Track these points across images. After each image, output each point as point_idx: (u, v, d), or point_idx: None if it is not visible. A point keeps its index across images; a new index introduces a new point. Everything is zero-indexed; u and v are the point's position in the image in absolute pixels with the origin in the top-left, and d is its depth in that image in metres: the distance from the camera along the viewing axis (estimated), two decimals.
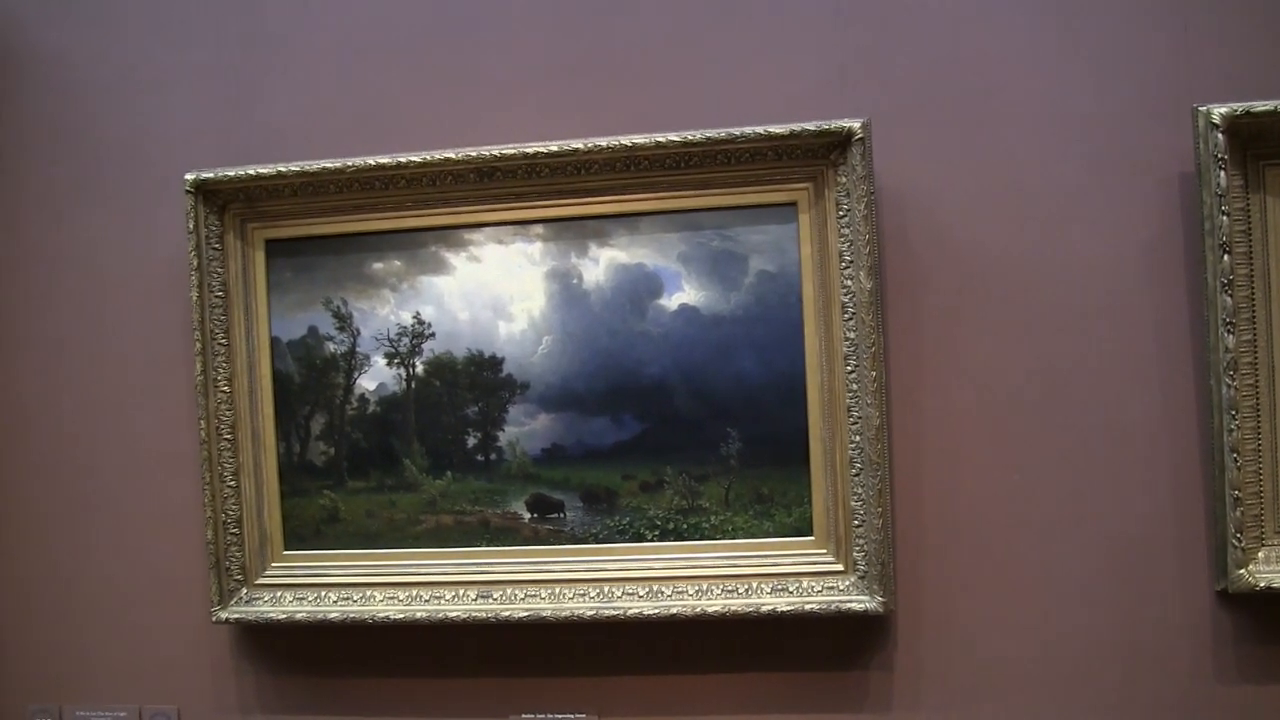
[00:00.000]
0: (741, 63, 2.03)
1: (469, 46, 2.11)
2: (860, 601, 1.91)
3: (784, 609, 1.93)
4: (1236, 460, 1.82)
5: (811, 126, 1.89)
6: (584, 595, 2.00)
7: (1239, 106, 1.80)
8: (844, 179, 1.90)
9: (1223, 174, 1.81)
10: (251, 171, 2.04)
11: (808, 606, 1.93)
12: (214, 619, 2.09)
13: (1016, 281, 1.96)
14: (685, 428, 1.98)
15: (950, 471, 1.98)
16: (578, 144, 1.95)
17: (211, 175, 2.05)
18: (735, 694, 2.04)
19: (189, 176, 2.05)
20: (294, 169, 2.03)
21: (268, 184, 2.05)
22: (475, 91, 2.11)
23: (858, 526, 1.92)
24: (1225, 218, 1.81)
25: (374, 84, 2.14)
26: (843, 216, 1.91)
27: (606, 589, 1.99)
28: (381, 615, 2.04)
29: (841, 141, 1.89)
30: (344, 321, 2.08)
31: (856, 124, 1.88)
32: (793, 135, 1.90)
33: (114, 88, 2.23)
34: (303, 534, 2.12)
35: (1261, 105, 1.80)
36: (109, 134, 2.23)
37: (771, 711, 2.03)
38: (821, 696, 2.02)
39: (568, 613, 1.98)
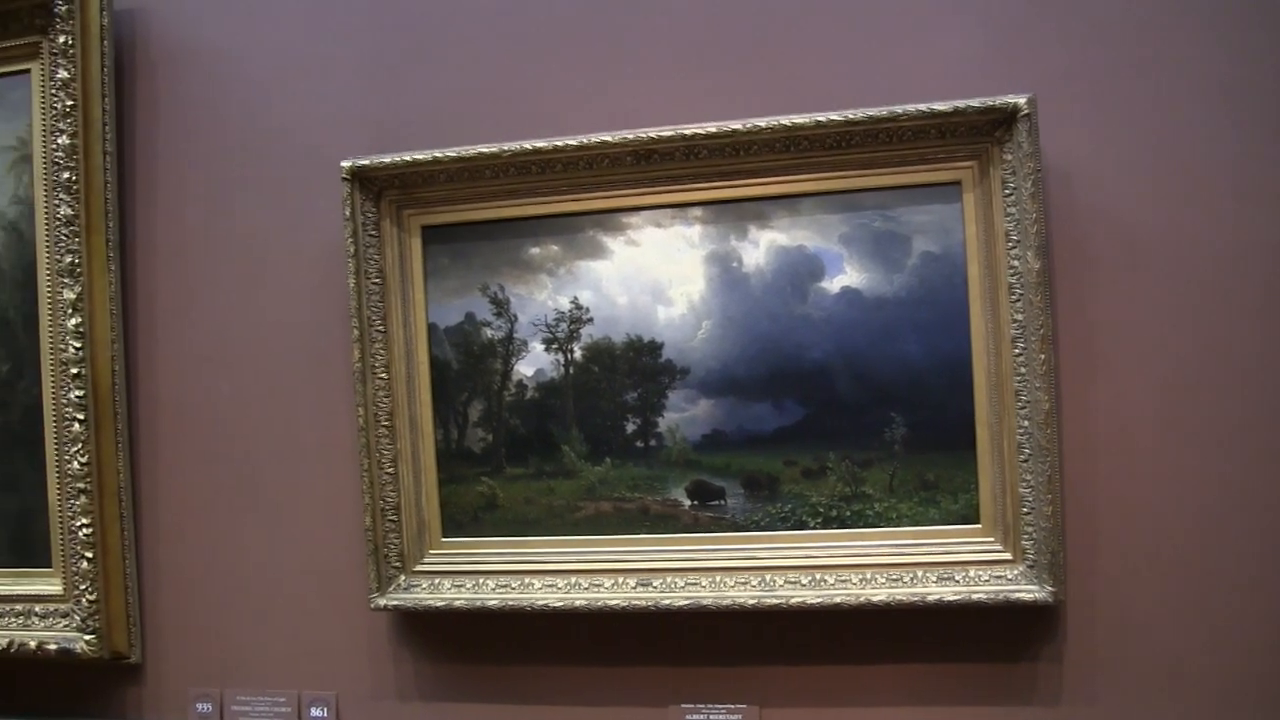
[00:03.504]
0: (901, 38, 2.04)
1: (624, 28, 2.15)
2: (1029, 591, 1.90)
3: (950, 598, 1.93)
4: None
5: (976, 103, 1.88)
6: (745, 584, 2.01)
7: None
8: (1010, 156, 1.89)
9: None
10: (407, 158, 2.08)
11: (975, 596, 1.92)
12: (372, 606, 2.14)
13: (1189, 259, 1.93)
14: (848, 413, 1.99)
15: (1122, 457, 1.96)
16: (736, 125, 1.96)
17: (368, 162, 2.09)
18: (899, 685, 2.05)
19: (345, 164, 2.10)
20: (450, 155, 2.07)
21: (424, 170, 2.09)
22: (631, 73, 2.14)
23: (1026, 514, 1.91)
24: None
25: (529, 68, 2.18)
26: (1009, 195, 1.90)
27: (768, 577, 2.01)
28: (540, 603, 2.07)
29: (1007, 118, 1.88)
30: (501, 307, 2.12)
31: (1022, 99, 1.87)
32: (956, 112, 1.89)
33: (271, 79, 2.31)
34: (460, 521, 2.16)
35: None
36: (266, 124, 2.31)
37: (937, 703, 2.04)
38: (988, 688, 2.02)
39: (729, 601, 2.00)
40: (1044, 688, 2.00)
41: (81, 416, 2.21)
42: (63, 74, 2.19)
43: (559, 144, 2.02)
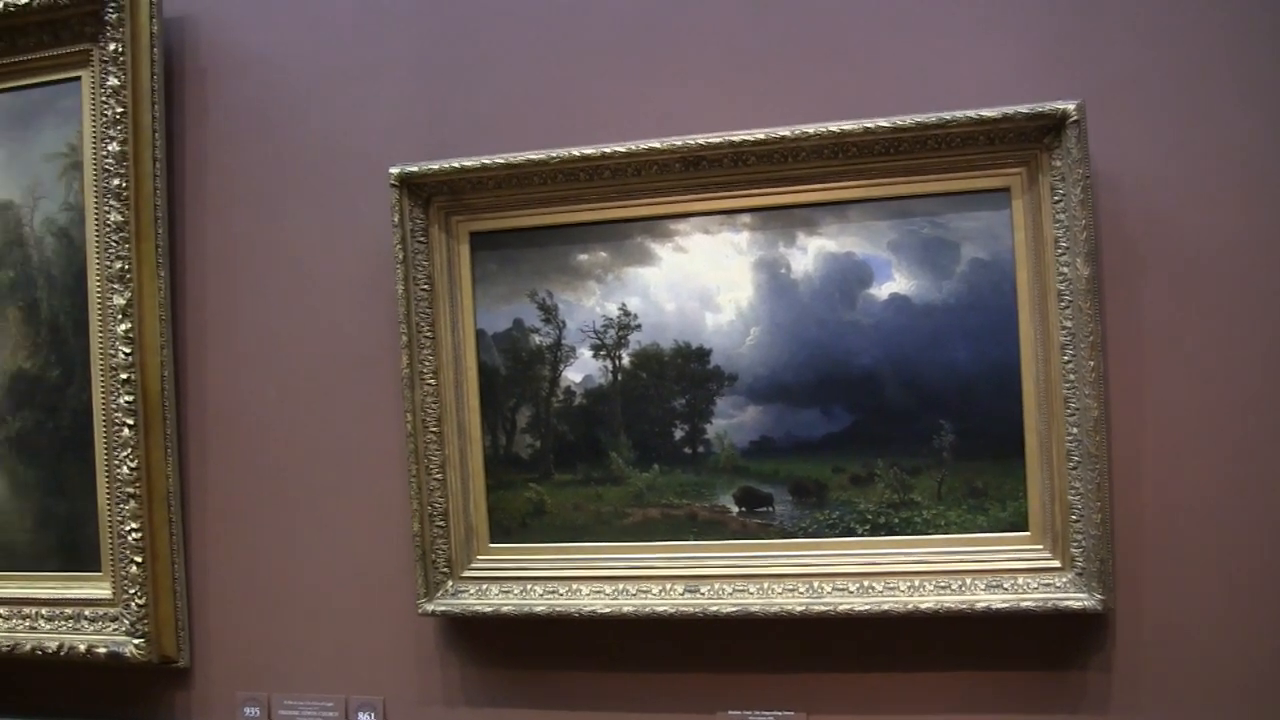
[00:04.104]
0: (949, 44, 2.04)
1: (672, 35, 2.15)
2: (1078, 599, 1.90)
3: (999, 606, 1.93)
4: None
5: (1025, 109, 1.88)
6: (793, 590, 2.02)
7: None
8: (1058, 163, 1.89)
9: None
10: (456, 164, 2.09)
11: (1023, 604, 1.92)
12: (420, 611, 2.16)
13: (1239, 266, 1.93)
14: (896, 419, 2.00)
15: (1172, 465, 1.96)
16: (784, 131, 1.97)
17: (416, 169, 2.10)
18: (946, 692, 2.05)
19: (394, 170, 2.11)
20: (498, 161, 2.07)
21: (472, 176, 2.10)
22: (679, 80, 2.15)
23: (1075, 521, 1.91)
24: None
25: (577, 74, 2.19)
26: (1058, 201, 1.90)
27: (816, 584, 2.01)
28: (588, 609, 2.08)
29: (1056, 124, 1.88)
30: (549, 313, 2.13)
31: (1071, 106, 1.86)
32: (1005, 118, 1.89)
33: (319, 85, 2.32)
34: (508, 527, 2.17)
35: None
36: (314, 131, 2.32)
37: (984, 711, 2.04)
38: (1036, 697, 2.02)
39: (776, 608, 2.00)
40: (1092, 696, 2.00)
41: (131, 421, 2.23)
42: (113, 81, 2.22)
43: (607, 151, 2.03)
